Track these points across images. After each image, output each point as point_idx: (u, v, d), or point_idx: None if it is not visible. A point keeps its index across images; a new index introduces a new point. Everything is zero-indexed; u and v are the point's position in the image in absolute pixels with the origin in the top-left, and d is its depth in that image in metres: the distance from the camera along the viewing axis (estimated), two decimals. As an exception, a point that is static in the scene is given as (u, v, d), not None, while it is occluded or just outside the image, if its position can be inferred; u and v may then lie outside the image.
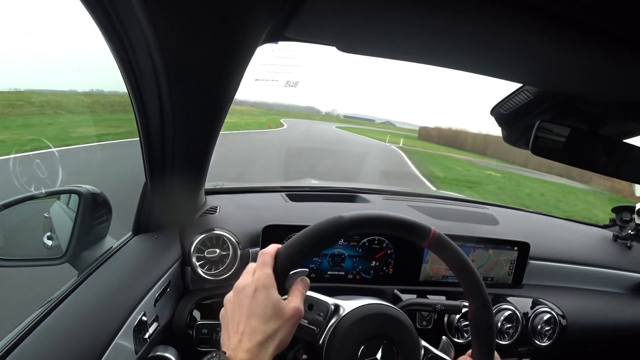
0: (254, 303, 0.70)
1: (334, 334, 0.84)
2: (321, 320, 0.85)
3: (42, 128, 8.64)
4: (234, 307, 0.72)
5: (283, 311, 0.71)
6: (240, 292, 0.72)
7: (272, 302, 0.70)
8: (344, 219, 0.77)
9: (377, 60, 0.85)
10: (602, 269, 1.73)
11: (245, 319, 0.69)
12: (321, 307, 0.86)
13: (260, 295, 0.70)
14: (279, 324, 0.70)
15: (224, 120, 1.06)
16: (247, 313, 0.69)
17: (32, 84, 13.52)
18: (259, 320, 0.69)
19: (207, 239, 1.29)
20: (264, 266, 0.74)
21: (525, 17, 0.58)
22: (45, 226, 1.30)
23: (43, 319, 0.81)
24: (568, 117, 1.03)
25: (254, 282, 0.71)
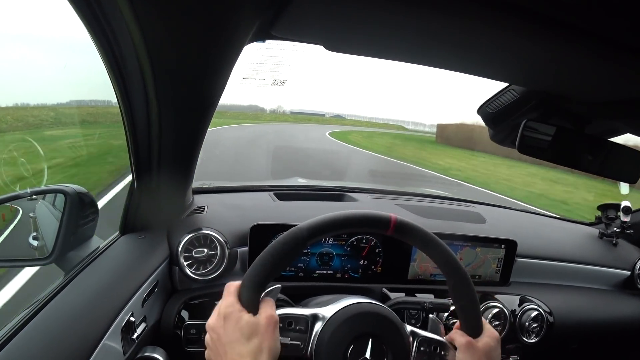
0: (228, 331, 0.71)
1: (320, 342, 0.84)
2: (303, 333, 0.85)
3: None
4: (214, 342, 0.73)
5: (258, 325, 0.72)
6: (214, 329, 0.73)
7: (244, 323, 0.71)
8: (302, 229, 0.78)
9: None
10: (588, 266, 1.75)
11: (228, 348, 0.70)
12: (299, 321, 0.86)
13: (230, 322, 0.72)
14: (260, 340, 0.71)
15: (211, 119, 1.06)
16: (226, 342, 0.71)
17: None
18: (240, 343, 0.70)
19: (195, 239, 1.29)
20: (227, 296, 0.75)
21: (509, 17, 0.58)
22: (31, 226, 1.29)
23: (29, 320, 0.80)
24: (554, 116, 1.04)
25: (220, 314, 0.73)
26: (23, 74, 13.44)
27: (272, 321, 0.74)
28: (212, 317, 0.75)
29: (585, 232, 2.01)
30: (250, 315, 0.73)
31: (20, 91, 10.91)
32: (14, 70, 12.25)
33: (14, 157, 2.23)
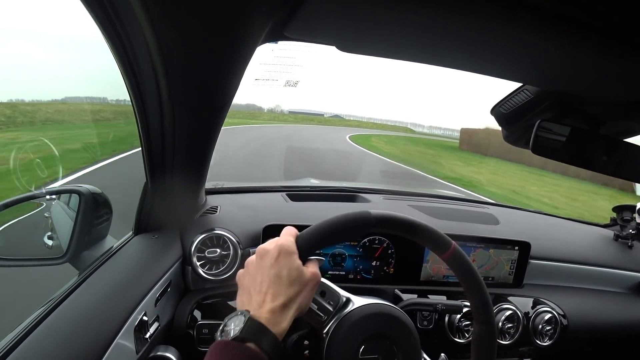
0: (277, 266, 0.72)
1: (340, 326, 0.84)
2: (330, 309, 0.85)
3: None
4: (257, 268, 0.73)
5: (304, 276, 0.73)
6: (265, 255, 0.74)
7: (294, 267, 0.72)
8: (371, 215, 0.79)
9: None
10: (602, 269, 1.73)
11: (269, 281, 0.71)
12: (333, 296, 0.86)
13: (283, 259, 0.72)
14: (299, 288, 0.72)
15: (224, 120, 1.07)
16: (271, 275, 0.71)
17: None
18: (282, 283, 0.71)
19: (208, 239, 1.30)
20: (288, 235, 0.77)
21: (524, 17, 0.58)
22: (46, 226, 1.30)
23: (44, 318, 0.81)
24: (568, 117, 1.03)
25: (278, 246, 0.73)
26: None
27: (316, 279, 0.76)
28: (267, 244, 0.75)
29: (600, 234, 1.98)
30: (301, 264, 0.74)
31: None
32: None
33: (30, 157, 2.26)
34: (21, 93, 14.95)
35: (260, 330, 0.66)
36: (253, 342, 0.65)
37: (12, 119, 9.01)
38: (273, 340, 0.66)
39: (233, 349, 0.64)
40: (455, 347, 1.37)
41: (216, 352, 0.65)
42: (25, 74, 15.82)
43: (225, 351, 0.64)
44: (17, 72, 15.34)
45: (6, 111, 9.09)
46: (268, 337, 0.66)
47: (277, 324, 0.68)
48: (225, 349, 0.64)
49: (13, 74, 14.61)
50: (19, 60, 16.59)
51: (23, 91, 14.26)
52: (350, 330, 0.84)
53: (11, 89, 12.29)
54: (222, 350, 0.65)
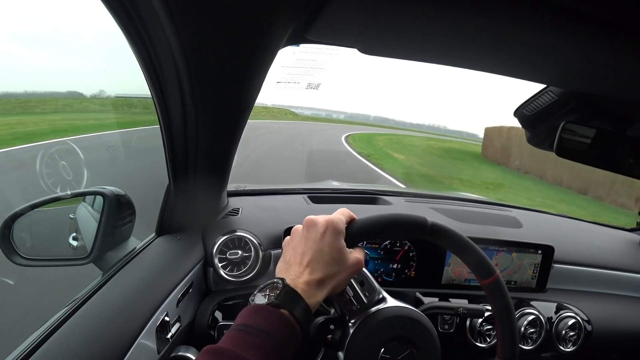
0: (323, 241, 0.73)
1: (368, 320, 0.84)
2: (365, 301, 0.85)
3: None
4: (301, 239, 0.75)
5: (347, 258, 0.74)
6: (312, 227, 0.75)
7: (339, 247, 0.73)
8: (427, 222, 0.80)
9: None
10: (628, 274, 1.69)
11: (312, 254, 0.72)
12: (371, 289, 0.87)
13: (330, 236, 0.73)
14: (340, 269, 0.73)
15: (246, 122, 1.07)
16: (314, 248, 0.72)
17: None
18: (325, 259, 0.72)
19: (229, 241, 1.30)
20: (341, 214, 0.78)
21: (549, 17, 0.57)
22: (71, 227, 1.32)
23: (68, 317, 0.82)
24: (593, 118, 1.01)
25: (327, 222, 0.74)
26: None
27: (359, 265, 0.77)
28: (317, 217, 0.76)
29: (625, 238, 1.95)
30: (345, 245, 0.75)
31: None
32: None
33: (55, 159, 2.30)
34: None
35: (295, 299, 0.67)
36: (287, 309, 0.66)
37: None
38: (306, 310, 0.68)
39: (267, 313, 0.65)
40: (476, 351, 1.36)
41: (250, 314, 0.66)
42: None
43: (259, 314, 0.65)
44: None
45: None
46: (301, 307, 0.67)
47: (311, 297, 0.69)
48: (259, 312, 0.66)
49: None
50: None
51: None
52: (377, 327, 0.84)
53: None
54: (255, 313, 0.66)
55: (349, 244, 0.76)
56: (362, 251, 0.79)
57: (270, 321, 0.64)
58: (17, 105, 11.82)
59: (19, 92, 12.18)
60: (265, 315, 0.65)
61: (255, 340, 0.62)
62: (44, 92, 12.18)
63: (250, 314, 0.66)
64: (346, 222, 0.78)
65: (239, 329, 0.64)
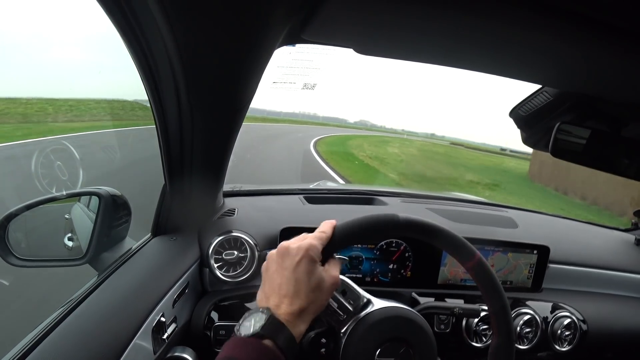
0: (299, 270, 0.71)
1: (358, 327, 0.84)
2: (350, 309, 0.85)
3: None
4: (277, 269, 0.73)
5: (324, 281, 0.73)
6: (286, 256, 0.73)
7: (316, 274, 0.72)
8: (400, 218, 0.79)
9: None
10: (623, 274, 1.70)
11: (289, 284, 0.70)
12: (354, 296, 0.86)
13: (305, 265, 0.71)
14: (319, 294, 0.72)
15: (242, 123, 1.07)
16: (291, 278, 0.71)
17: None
18: (303, 289, 0.70)
19: (225, 241, 1.30)
20: (318, 239, 0.76)
21: (544, 18, 0.57)
22: (66, 227, 1.32)
23: (63, 318, 0.82)
24: (589, 119, 1.02)
25: (303, 249, 0.72)
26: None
27: (335, 284, 0.75)
28: (289, 245, 0.74)
29: (620, 238, 1.95)
30: (322, 269, 0.74)
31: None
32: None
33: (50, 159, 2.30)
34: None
35: (279, 329, 0.66)
36: (272, 339, 0.65)
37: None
38: (290, 340, 0.67)
39: (249, 346, 0.64)
40: (472, 351, 1.36)
41: (232, 347, 0.65)
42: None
43: (241, 348, 0.65)
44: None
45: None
46: (286, 337, 0.66)
47: (295, 327, 0.68)
48: (241, 345, 0.65)
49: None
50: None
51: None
52: (368, 332, 0.83)
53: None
54: (238, 346, 0.65)
55: (324, 258, 0.75)
56: (337, 264, 0.78)
57: (255, 354, 0.64)
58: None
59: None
60: (247, 349, 0.64)
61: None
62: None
63: (235, 346, 0.65)
64: (326, 241, 0.77)
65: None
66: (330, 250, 0.77)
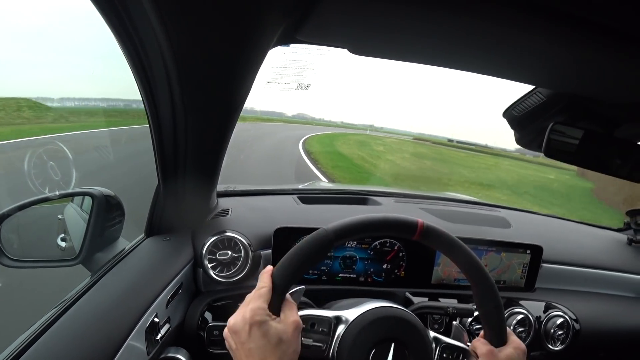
0: (254, 339, 0.71)
1: (342, 344, 0.84)
2: (325, 335, 0.85)
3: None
4: (237, 345, 0.73)
5: (285, 332, 0.72)
6: (236, 332, 0.73)
7: (272, 331, 0.71)
8: (327, 231, 0.78)
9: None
10: (616, 273, 1.71)
11: (252, 355, 0.70)
12: (323, 323, 0.86)
13: (257, 332, 0.71)
14: (285, 345, 0.71)
15: (236, 123, 1.07)
16: (252, 349, 0.70)
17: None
18: (267, 352, 0.70)
19: (219, 241, 1.30)
20: (259, 298, 0.74)
21: (537, 19, 0.58)
22: (59, 228, 1.31)
23: (57, 319, 0.82)
24: (581, 119, 1.02)
25: (247, 319, 0.72)
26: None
27: (298, 327, 0.74)
28: (235, 320, 0.74)
29: (613, 238, 1.97)
30: (277, 321, 0.73)
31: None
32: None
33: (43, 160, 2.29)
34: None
35: None
36: None
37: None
38: None
39: None
40: None
41: None
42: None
43: None
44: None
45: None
46: None
47: None
48: None
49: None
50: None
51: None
52: (353, 345, 0.84)
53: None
54: None
55: (275, 310, 0.74)
56: (292, 306, 0.76)
57: None
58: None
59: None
60: None
61: None
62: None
63: None
64: (268, 294, 0.75)
65: None
66: (278, 298, 0.75)
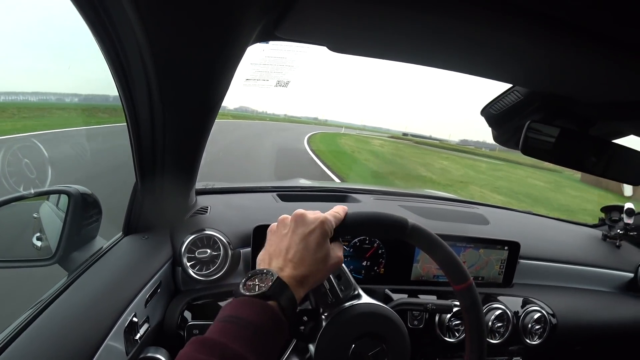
0: (310, 240, 0.73)
1: (342, 315, 0.85)
2: (340, 295, 0.86)
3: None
4: (289, 231, 0.74)
5: (329, 257, 0.75)
6: (300, 223, 0.75)
7: (324, 248, 0.74)
8: (408, 224, 0.81)
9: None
10: (591, 268, 1.75)
11: (297, 249, 0.72)
12: (347, 283, 0.88)
13: (318, 236, 0.73)
14: (322, 267, 0.74)
15: (214, 120, 1.06)
16: (301, 245, 0.72)
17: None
18: (309, 257, 0.72)
19: (198, 239, 1.29)
20: (333, 217, 0.78)
21: (512, 18, 0.58)
22: (35, 227, 1.29)
23: (33, 320, 0.81)
24: (558, 118, 1.03)
25: (319, 220, 0.74)
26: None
27: (338, 263, 0.77)
28: (307, 213, 0.76)
29: (588, 234, 2.00)
30: (330, 245, 0.76)
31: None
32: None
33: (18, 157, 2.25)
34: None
35: (283, 291, 0.67)
36: (277, 301, 0.66)
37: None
38: (293, 303, 0.68)
39: (256, 305, 0.65)
40: (445, 346, 1.38)
41: (236, 306, 0.66)
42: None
43: (247, 307, 0.65)
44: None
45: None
46: (289, 299, 0.68)
47: (296, 292, 0.69)
48: (247, 305, 0.65)
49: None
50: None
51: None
52: (348, 324, 0.85)
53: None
54: (243, 305, 0.65)
55: (334, 236, 0.77)
56: (341, 246, 0.80)
57: (260, 314, 0.64)
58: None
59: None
60: (256, 309, 0.65)
61: (244, 332, 0.62)
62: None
63: (240, 305, 0.65)
64: (339, 221, 0.79)
65: (228, 320, 0.64)
66: (339, 231, 0.78)
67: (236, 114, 58.47)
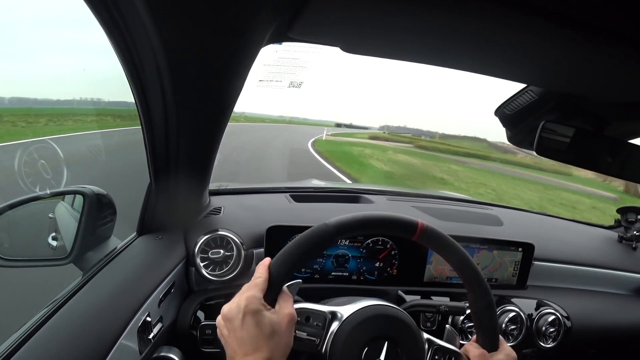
0: (247, 327, 0.71)
1: (335, 340, 0.84)
2: (320, 330, 0.85)
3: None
4: (229, 332, 0.73)
5: (279, 324, 0.72)
6: (229, 318, 0.73)
7: (266, 321, 0.71)
8: (329, 226, 0.78)
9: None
10: (606, 270, 1.72)
11: (244, 343, 0.70)
12: (318, 317, 0.86)
13: (251, 320, 0.71)
14: (278, 337, 0.71)
15: (227, 121, 1.07)
16: (244, 337, 0.70)
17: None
18: (259, 342, 0.70)
19: (212, 240, 1.29)
20: (255, 287, 0.74)
21: (528, 18, 0.58)
22: (50, 227, 1.30)
23: (48, 319, 0.81)
24: (573, 118, 1.03)
25: (242, 306, 0.72)
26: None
27: (292, 319, 0.74)
28: (229, 307, 0.74)
29: (604, 235, 1.98)
30: (272, 312, 0.73)
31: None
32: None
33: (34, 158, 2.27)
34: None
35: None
36: None
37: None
38: None
39: None
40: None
41: None
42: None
43: None
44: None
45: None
46: None
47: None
48: None
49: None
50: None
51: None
52: (347, 342, 0.84)
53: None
54: None
55: (270, 301, 0.75)
56: (288, 298, 0.77)
57: None
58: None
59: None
60: None
61: None
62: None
63: None
64: (264, 285, 0.75)
65: None
66: (274, 290, 0.75)
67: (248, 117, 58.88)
